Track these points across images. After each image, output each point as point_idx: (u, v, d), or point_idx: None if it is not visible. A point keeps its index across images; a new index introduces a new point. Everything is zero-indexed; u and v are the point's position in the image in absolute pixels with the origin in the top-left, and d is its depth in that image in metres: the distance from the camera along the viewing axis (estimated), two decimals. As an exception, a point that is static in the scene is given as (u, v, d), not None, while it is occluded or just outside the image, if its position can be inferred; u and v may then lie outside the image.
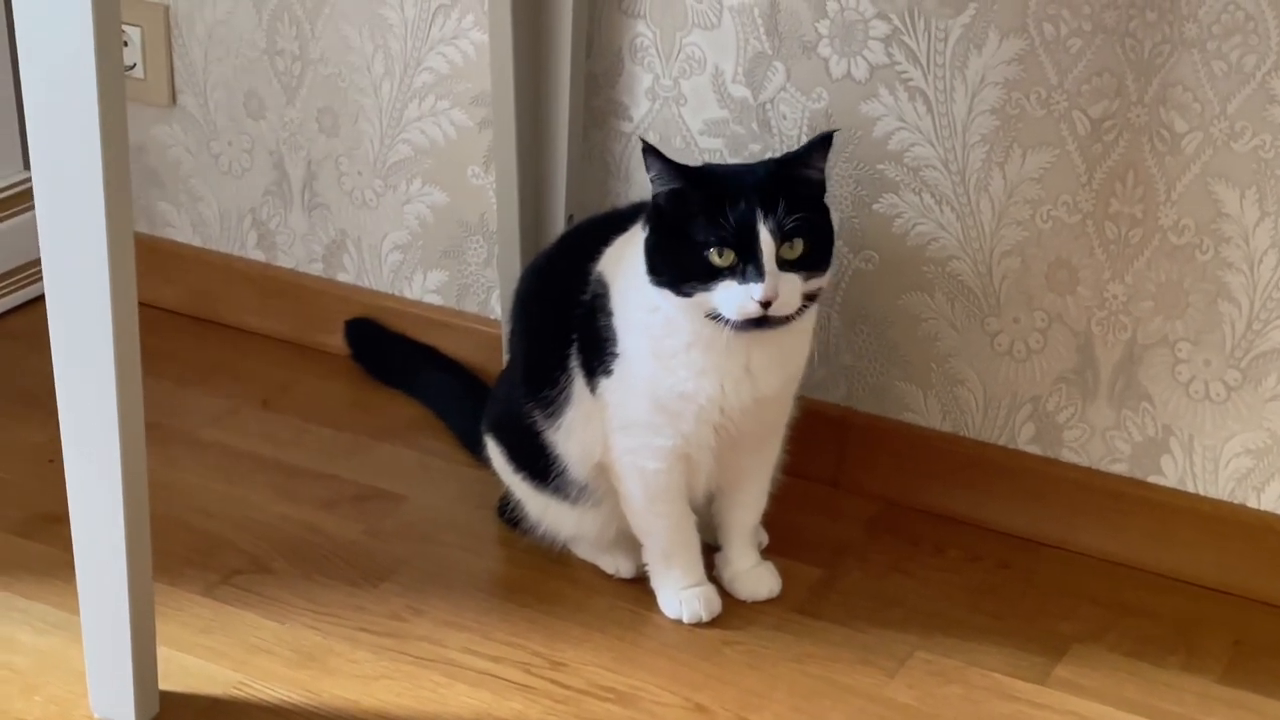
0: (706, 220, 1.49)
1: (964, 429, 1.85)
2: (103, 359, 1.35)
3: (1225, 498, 1.74)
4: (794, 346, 1.59)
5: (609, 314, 1.59)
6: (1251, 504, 1.73)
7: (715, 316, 1.50)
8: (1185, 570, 1.76)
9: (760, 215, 1.48)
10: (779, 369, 1.57)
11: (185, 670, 1.59)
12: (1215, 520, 1.74)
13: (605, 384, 1.60)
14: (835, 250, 1.58)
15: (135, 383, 1.39)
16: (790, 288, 1.50)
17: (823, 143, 1.55)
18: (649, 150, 1.53)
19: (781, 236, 1.49)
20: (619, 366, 1.58)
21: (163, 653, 1.57)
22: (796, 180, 1.53)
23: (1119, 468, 1.79)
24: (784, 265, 1.49)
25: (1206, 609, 1.72)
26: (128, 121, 1.31)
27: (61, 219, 1.33)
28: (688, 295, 1.51)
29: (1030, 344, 1.79)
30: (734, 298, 1.49)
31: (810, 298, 1.53)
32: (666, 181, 1.52)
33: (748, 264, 1.48)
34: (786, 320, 1.51)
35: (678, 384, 1.56)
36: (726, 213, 1.48)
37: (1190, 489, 1.76)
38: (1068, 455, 1.81)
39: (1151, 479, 1.77)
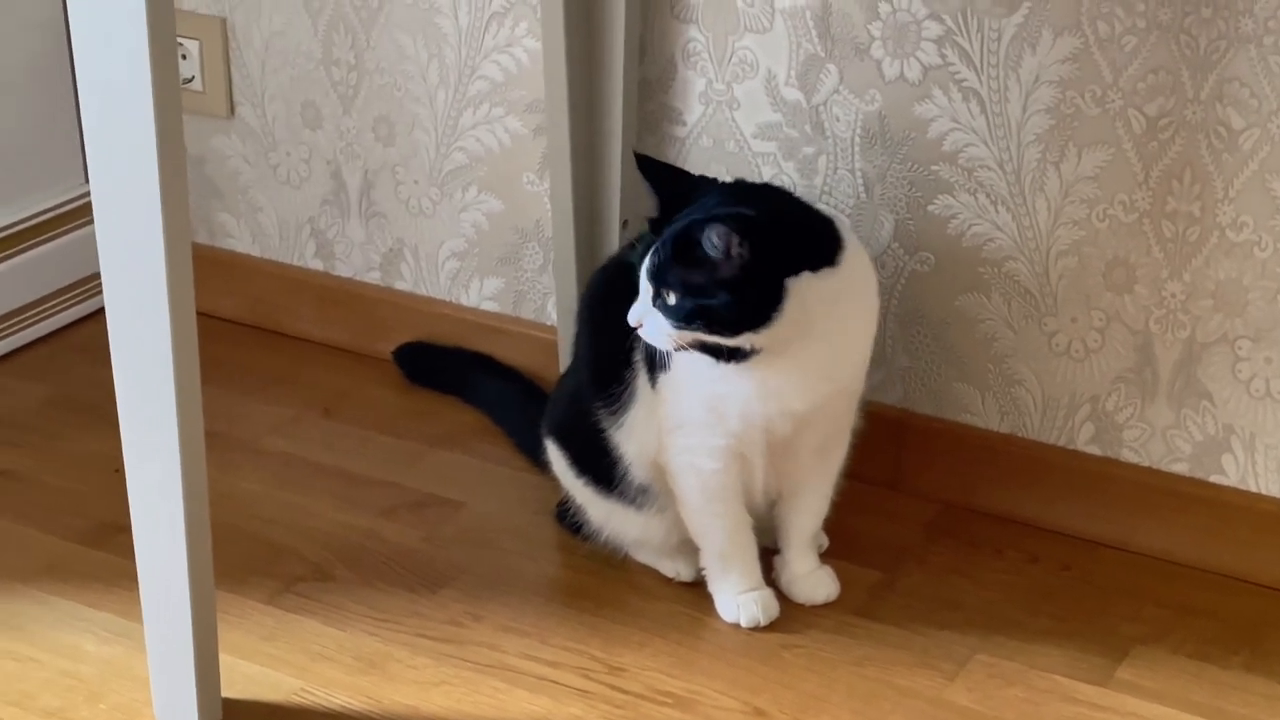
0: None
1: (1022, 430, 1.84)
2: (162, 369, 1.37)
3: (1288, 497, 1.73)
4: (823, 367, 1.57)
5: None
6: (1315, 503, 1.72)
7: None
8: (1248, 570, 1.75)
9: (650, 254, 1.52)
10: (809, 387, 1.57)
11: (248, 677, 1.60)
12: (1278, 519, 1.73)
13: (663, 379, 1.61)
14: (870, 264, 1.60)
15: (194, 393, 1.41)
16: (656, 325, 1.53)
17: (714, 230, 1.49)
18: (640, 166, 1.59)
19: (655, 281, 1.52)
20: (675, 362, 1.59)
21: (226, 660, 1.59)
22: (701, 249, 1.50)
23: (1180, 467, 1.77)
24: (661, 307, 1.52)
25: (1270, 609, 1.71)
26: (185, 133, 1.33)
27: (120, 231, 1.35)
28: None
29: (1088, 343, 1.78)
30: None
31: (724, 351, 1.53)
32: (652, 194, 1.59)
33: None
34: (720, 353, 1.53)
35: (716, 383, 1.56)
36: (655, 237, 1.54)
37: (1252, 488, 1.74)
38: (1128, 455, 1.79)
39: (1213, 478, 1.76)
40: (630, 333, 1.63)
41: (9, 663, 1.63)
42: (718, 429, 1.59)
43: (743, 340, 1.51)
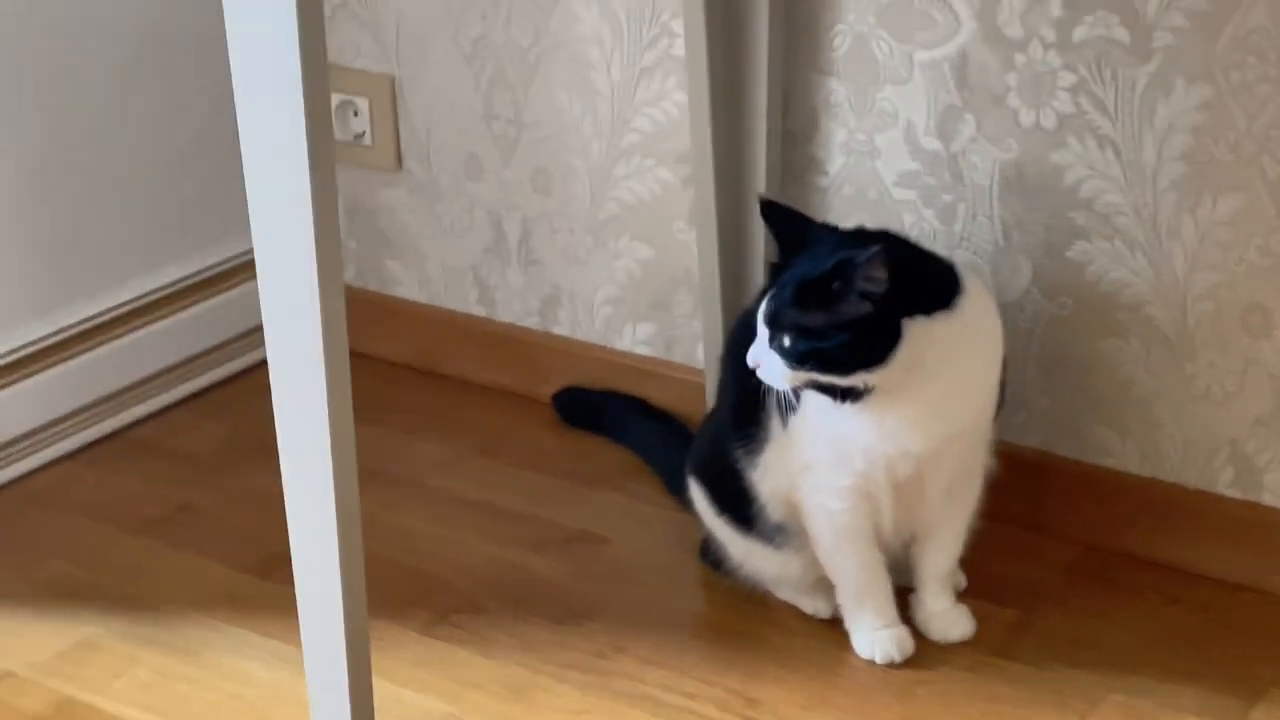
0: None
1: (1163, 473, 1.86)
2: (318, 410, 1.46)
3: None
4: (943, 407, 1.61)
5: None
6: None
7: None
8: (1390, 615, 1.74)
9: (768, 298, 1.59)
10: (927, 428, 1.61)
11: (401, 703, 1.69)
12: None
13: (793, 420, 1.66)
14: (994, 307, 1.64)
15: (348, 432, 1.49)
16: (772, 366, 1.58)
17: (867, 261, 1.53)
18: (763, 209, 1.66)
19: (771, 325, 1.57)
20: (803, 402, 1.64)
21: (381, 686, 1.67)
22: (828, 290, 1.55)
23: (1321, 511, 1.78)
24: (778, 348, 1.57)
25: None
26: (356, 186, 1.42)
27: (278, 283, 1.45)
28: None
29: (1227, 387, 1.79)
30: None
31: (841, 391, 1.58)
32: (775, 239, 1.66)
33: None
34: (837, 393, 1.58)
35: (840, 424, 1.61)
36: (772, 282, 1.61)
37: (1394, 533, 1.74)
38: (1268, 499, 1.80)
39: (1354, 522, 1.76)
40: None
41: (183, 685, 1.74)
42: (843, 469, 1.64)
43: (856, 380, 1.56)
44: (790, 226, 1.64)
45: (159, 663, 1.77)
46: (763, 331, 1.59)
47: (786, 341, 1.57)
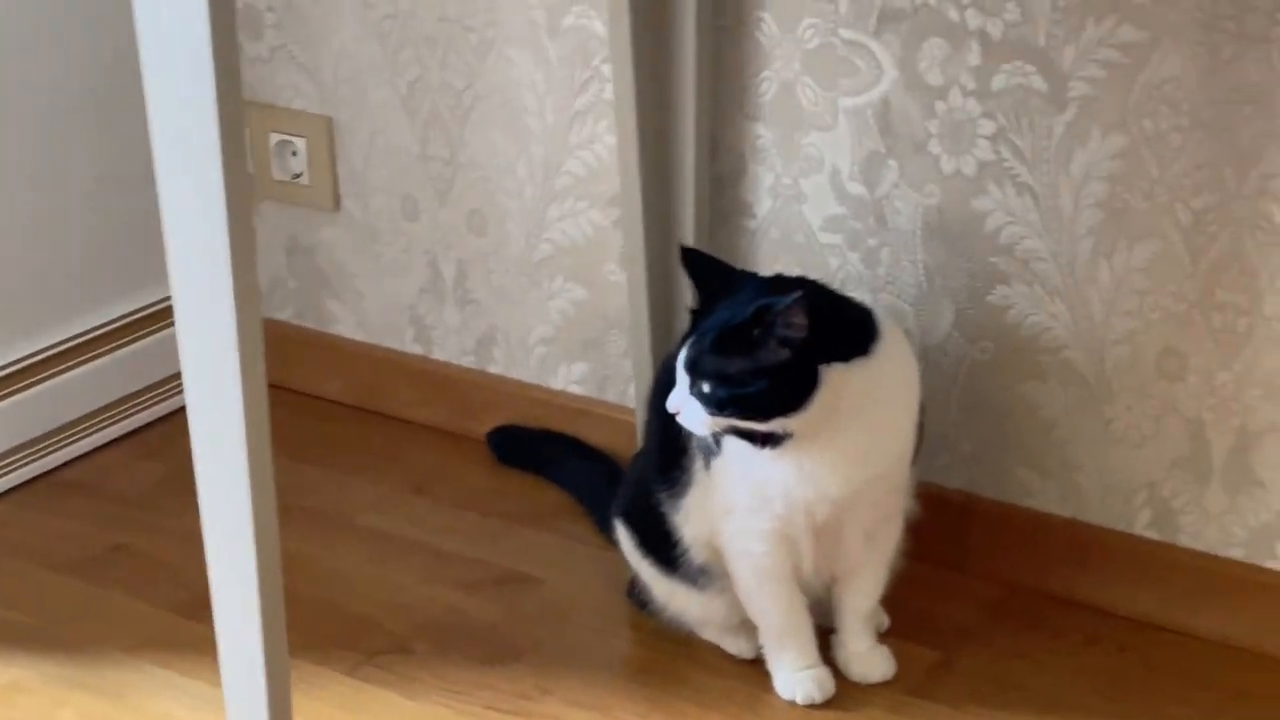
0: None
1: (1083, 514, 1.88)
2: (236, 455, 1.48)
3: (1342, 583, 1.75)
4: (860, 452, 1.63)
5: None
6: (1369, 590, 1.74)
7: None
8: (1303, 655, 1.77)
9: (688, 345, 1.61)
10: (844, 473, 1.63)
11: (325, 745, 1.70)
12: (1332, 606, 1.75)
13: (715, 464, 1.68)
14: (910, 352, 1.67)
15: (267, 474, 1.50)
16: (693, 412, 1.60)
17: (790, 306, 1.55)
18: (683, 256, 1.68)
19: (692, 371, 1.59)
20: (724, 447, 1.66)
21: (305, 728, 1.70)
22: (748, 337, 1.57)
23: (1236, 553, 1.80)
24: (698, 394, 1.59)
25: (1323, 695, 1.73)
26: (295, 226, 1.42)
27: (195, 323, 1.47)
28: None
29: (1144, 430, 1.82)
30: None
31: (760, 436, 1.60)
32: (693, 284, 1.67)
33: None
34: (755, 438, 1.60)
35: (760, 469, 1.63)
36: (693, 329, 1.63)
37: (1307, 574, 1.77)
38: (1185, 540, 1.83)
39: (1268, 564, 1.78)
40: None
41: (107, 727, 1.75)
42: (763, 513, 1.66)
43: (775, 425, 1.58)
44: (710, 274, 1.66)
45: (85, 705, 1.77)
46: (683, 378, 1.61)
47: (706, 388, 1.59)
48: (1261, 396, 1.74)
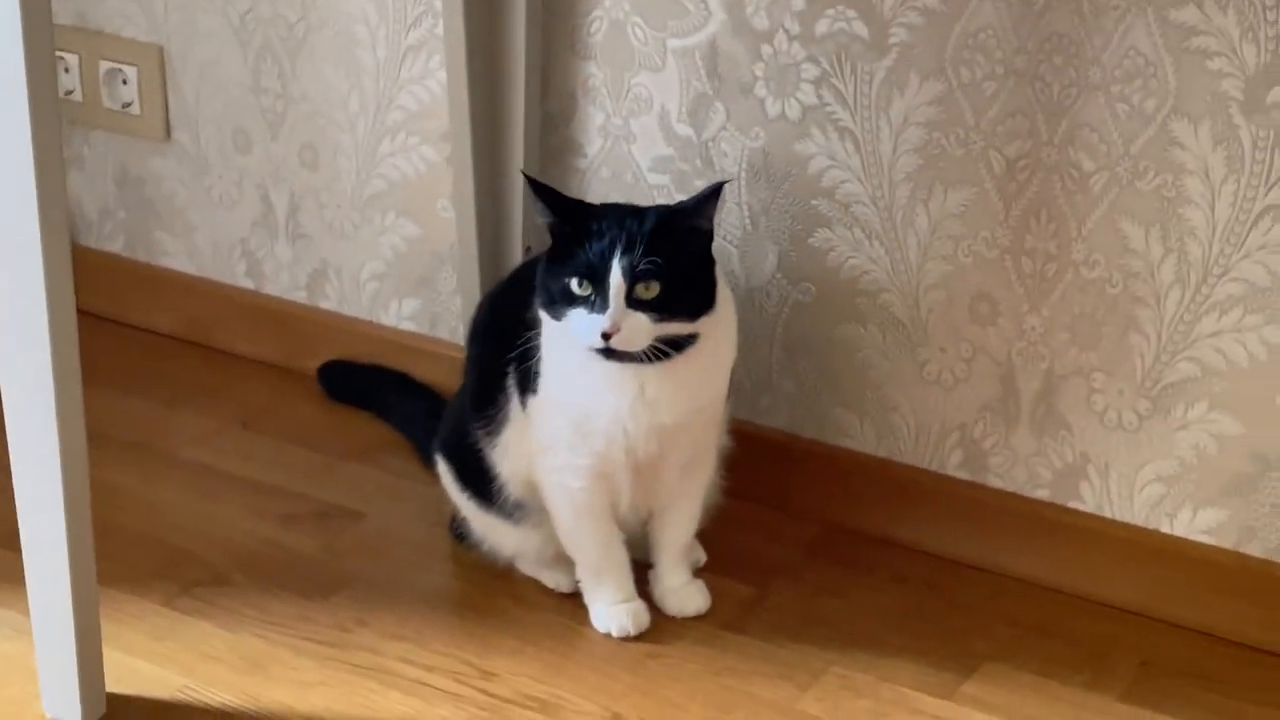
0: (574, 250, 1.59)
1: (897, 454, 1.92)
2: (42, 376, 1.46)
3: (1140, 523, 1.80)
4: (695, 380, 1.66)
5: (537, 334, 1.69)
6: (1164, 529, 1.79)
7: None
8: (1101, 593, 1.82)
9: (618, 252, 1.58)
10: (680, 400, 1.65)
11: (136, 674, 1.69)
12: (1130, 545, 1.80)
13: (532, 402, 1.70)
14: (727, 287, 1.67)
15: (76, 398, 1.49)
16: (636, 325, 1.58)
17: (711, 195, 1.61)
18: (533, 185, 1.63)
19: (634, 276, 1.57)
20: (542, 385, 1.68)
21: (117, 657, 1.69)
22: (675, 228, 1.61)
23: (1041, 493, 1.85)
24: (637, 304, 1.58)
25: (1119, 630, 1.79)
26: (125, 156, 1.40)
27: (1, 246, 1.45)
28: (556, 319, 1.61)
29: (956, 373, 1.86)
30: (583, 326, 1.59)
31: (674, 343, 1.60)
32: (550, 214, 1.62)
33: (599, 296, 1.58)
34: (642, 358, 1.59)
35: (583, 403, 1.65)
36: (589, 246, 1.58)
37: (1107, 514, 1.82)
38: (993, 481, 1.87)
39: (1071, 504, 1.84)
40: (505, 357, 1.72)
41: (-85, 656, 1.72)
42: (582, 449, 1.68)
43: (697, 326, 1.61)
44: (560, 202, 1.65)
45: (-110, 633, 1.75)
46: (617, 294, 1.58)
47: (651, 292, 1.58)
48: (1068, 341, 1.79)
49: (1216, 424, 1.73)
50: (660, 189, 1.96)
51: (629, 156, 1.97)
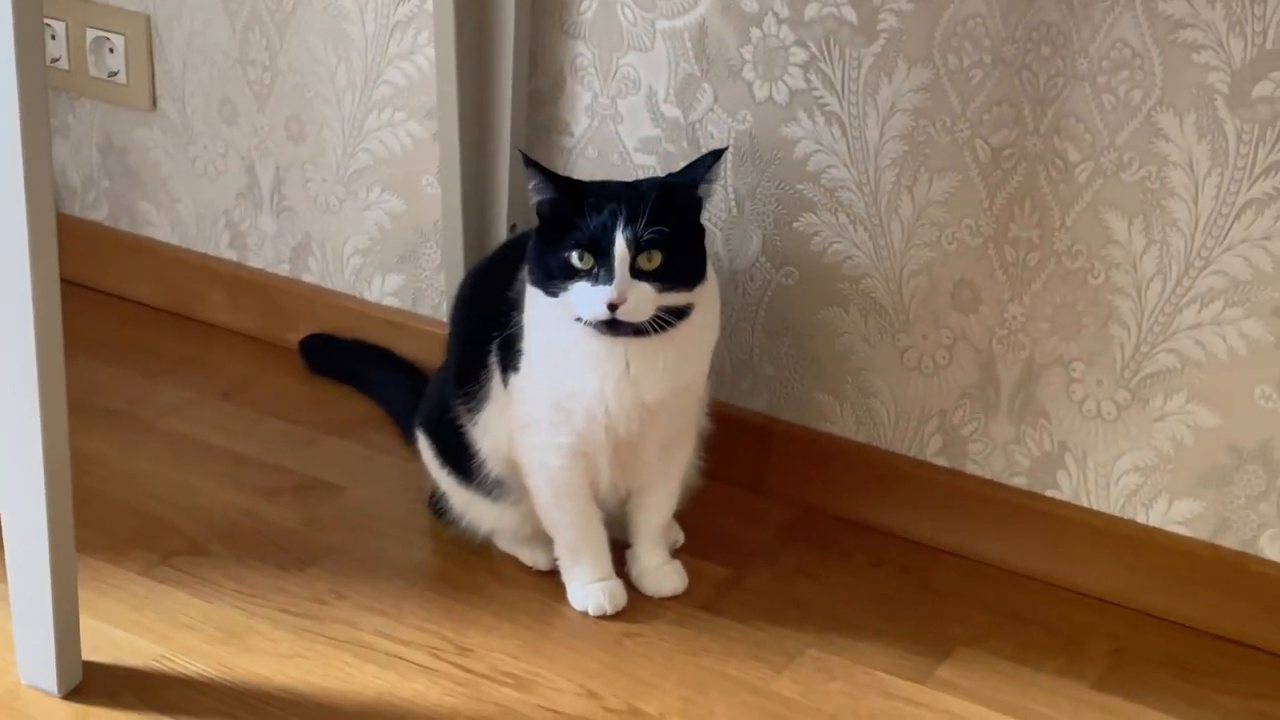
0: (573, 225, 1.59)
1: (877, 440, 1.93)
2: (24, 339, 1.46)
3: (1116, 513, 1.81)
4: (679, 358, 1.66)
5: (521, 312, 1.69)
6: (1140, 519, 1.80)
7: (579, 319, 1.60)
8: (1077, 581, 1.83)
9: (620, 224, 1.58)
10: (663, 378, 1.66)
11: (113, 643, 1.69)
12: (1106, 534, 1.81)
13: (514, 380, 1.70)
14: (712, 268, 1.68)
15: (58, 364, 1.49)
16: (641, 295, 1.58)
17: (713, 158, 1.64)
18: (528, 162, 1.63)
19: (638, 247, 1.58)
20: (524, 363, 1.68)
21: (94, 626, 1.69)
22: (672, 198, 1.62)
23: (1018, 481, 1.86)
24: (639, 275, 1.58)
25: (1093, 618, 1.80)
26: (110, 125, 1.40)
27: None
28: (554, 295, 1.61)
29: (937, 360, 1.87)
30: (586, 298, 1.59)
31: (675, 312, 1.61)
32: (544, 191, 1.63)
33: (602, 268, 1.58)
34: (647, 329, 1.60)
35: (566, 381, 1.65)
36: (590, 220, 1.59)
37: (1084, 503, 1.83)
38: (971, 467, 1.88)
39: (1049, 493, 1.85)
40: (488, 334, 1.72)
41: (-108, 620, 1.72)
42: (563, 428, 1.68)
43: (693, 296, 1.62)
44: (554, 176, 1.65)
45: None
46: (621, 265, 1.58)
47: (656, 260, 1.58)
48: (1048, 330, 1.79)
49: (1194, 416, 1.74)
50: (646, 169, 1.96)
51: (615, 136, 1.97)
